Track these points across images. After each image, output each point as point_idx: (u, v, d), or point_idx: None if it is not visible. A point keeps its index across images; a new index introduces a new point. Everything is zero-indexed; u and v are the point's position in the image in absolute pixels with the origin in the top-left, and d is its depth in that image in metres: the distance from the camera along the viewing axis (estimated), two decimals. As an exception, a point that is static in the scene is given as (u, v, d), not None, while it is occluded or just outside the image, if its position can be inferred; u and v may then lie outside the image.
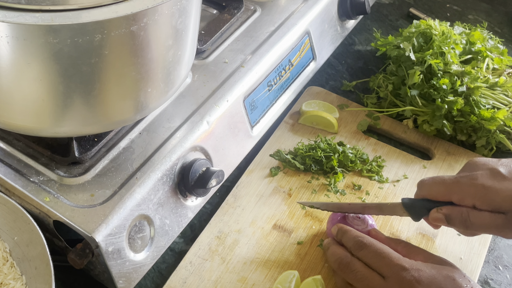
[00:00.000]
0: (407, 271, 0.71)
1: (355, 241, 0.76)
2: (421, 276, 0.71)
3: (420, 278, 0.70)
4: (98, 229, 0.69)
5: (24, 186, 0.73)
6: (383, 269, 0.72)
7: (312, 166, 0.93)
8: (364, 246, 0.75)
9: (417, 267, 0.72)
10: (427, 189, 0.78)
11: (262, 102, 0.93)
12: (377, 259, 0.73)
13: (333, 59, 1.16)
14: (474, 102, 0.97)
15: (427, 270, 0.72)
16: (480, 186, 0.72)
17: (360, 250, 0.75)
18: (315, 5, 1.05)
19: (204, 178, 0.79)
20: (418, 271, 0.71)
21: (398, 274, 0.71)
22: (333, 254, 0.77)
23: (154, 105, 0.74)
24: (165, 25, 0.66)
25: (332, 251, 0.78)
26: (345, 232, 0.78)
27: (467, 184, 0.74)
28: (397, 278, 0.71)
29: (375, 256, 0.74)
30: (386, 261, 0.73)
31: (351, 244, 0.76)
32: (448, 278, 0.71)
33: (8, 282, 0.70)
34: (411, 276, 0.71)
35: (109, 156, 0.77)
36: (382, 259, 0.73)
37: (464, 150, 0.99)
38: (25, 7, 0.58)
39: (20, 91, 0.64)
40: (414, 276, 0.71)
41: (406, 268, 0.71)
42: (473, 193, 0.73)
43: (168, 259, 0.82)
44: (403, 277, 0.71)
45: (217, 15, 0.97)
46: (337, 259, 0.76)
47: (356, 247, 0.76)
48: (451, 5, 1.35)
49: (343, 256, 0.76)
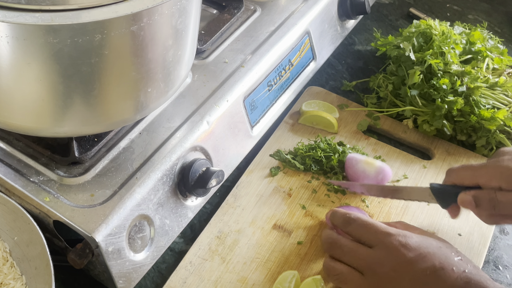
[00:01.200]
0: (393, 237, 0.73)
1: (343, 218, 0.78)
2: (407, 241, 0.72)
3: (407, 243, 0.72)
4: (98, 229, 0.69)
5: (24, 186, 0.73)
6: (370, 238, 0.74)
7: (312, 166, 0.93)
8: (351, 221, 0.77)
9: (403, 233, 0.73)
10: (455, 174, 0.79)
11: (262, 102, 0.93)
12: (364, 230, 0.75)
13: (333, 59, 1.16)
14: (474, 102, 0.97)
15: (414, 236, 0.73)
16: (505, 168, 0.74)
17: (348, 226, 0.77)
18: (315, 5, 1.05)
19: (204, 178, 0.79)
20: (404, 237, 0.73)
21: (384, 240, 0.73)
22: (324, 236, 0.79)
23: (154, 105, 0.74)
24: (165, 25, 0.66)
25: (324, 234, 0.80)
26: (335, 213, 0.80)
27: (493, 167, 0.75)
28: (383, 244, 0.72)
29: (361, 228, 0.75)
30: (372, 230, 0.74)
31: (340, 222, 0.78)
32: (435, 244, 0.73)
33: (8, 282, 0.70)
34: (397, 241, 0.72)
35: (109, 156, 0.77)
36: (369, 229, 0.75)
37: (464, 150, 0.99)
38: (25, 7, 0.58)
39: (20, 91, 0.64)
40: (401, 241, 0.72)
41: (392, 234, 0.73)
42: (499, 175, 0.74)
43: (168, 259, 0.82)
44: (389, 242, 0.72)
45: (217, 15, 0.97)
46: (327, 239, 0.78)
47: (345, 224, 0.77)
48: (451, 5, 1.35)
49: (332, 235, 0.78)
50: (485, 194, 0.75)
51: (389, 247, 0.72)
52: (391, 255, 0.72)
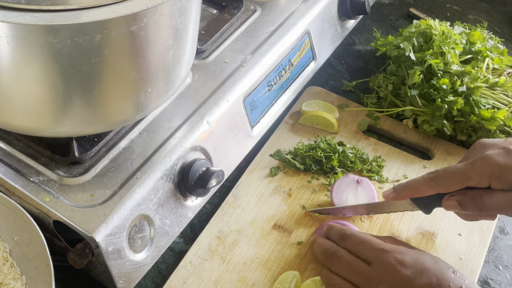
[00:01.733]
0: (389, 253, 0.73)
1: (340, 234, 0.78)
2: (404, 258, 0.72)
3: (403, 260, 0.72)
4: (98, 229, 0.69)
5: (24, 186, 0.73)
6: (366, 254, 0.74)
7: (312, 166, 0.93)
8: (348, 237, 0.77)
9: (399, 250, 0.73)
10: (443, 183, 0.76)
11: (262, 102, 0.93)
12: (360, 247, 0.75)
13: (333, 59, 1.16)
14: (474, 102, 0.97)
15: (409, 252, 0.73)
16: (495, 165, 0.72)
17: (345, 242, 0.77)
18: (315, 5, 1.05)
19: (204, 178, 0.79)
20: (400, 253, 0.73)
21: (381, 257, 0.73)
22: (319, 245, 0.79)
23: (154, 105, 0.74)
24: (165, 25, 0.66)
25: (319, 243, 0.79)
26: (330, 228, 0.81)
27: (482, 166, 0.73)
28: (380, 261, 0.72)
29: (358, 244, 0.75)
30: (368, 246, 0.74)
31: (336, 238, 0.78)
32: (430, 260, 0.73)
33: (8, 282, 0.70)
34: (394, 258, 0.72)
35: (109, 156, 0.77)
36: (365, 245, 0.75)
37: (464, 150, 0.99)
38: (25, 7, 0.58)
39: (20, 91, 0.64)
40: (397, 258, 0.72)
41: (388, 251, 0.73)
42: (489, 173, 0.72)
43: (168, 259, 0.82)
44: (385, 260, 0.72)
45: (217, 15, 0.97)
46: (323, 250, 0.78)
47: (341, 239, 0.78)
48: (451, 5, 1.35)
49: (329, 246, 0.78)
50: (470, 198, 0.74)
51: (386, 265, 0.72)
52: (388, 273, 0.71)
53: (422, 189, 0.77)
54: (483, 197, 0.73)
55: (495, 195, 0.72)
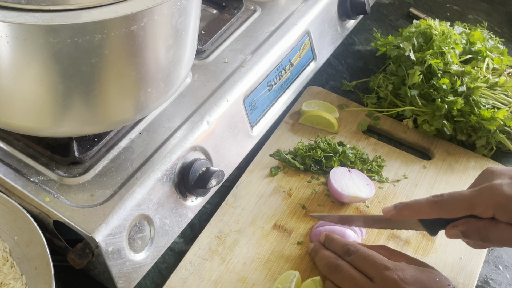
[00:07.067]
0: (390, 271, 0.73)
1: (344, 249, 0.78)
2: (405, 275, 0.72)
3: (405, 277, 0.72)
4: (98, 229, 0.69)
5: (24, 186, 0.73)
6: (369, 270, 0.74)
7: (312, 166, 0.93)
8: (351, 252, 0.77)
9: (400, 267, 0.73)
10: (447, 208, 0.74)
11: (262, 102, 0.93)
12: (363, 262, 0.75)
13: (333, 59, 1.16)
14: (474, 102, 0.97)
15: (411, 270, 0.74)
16: (502, 195, 0.70)
17: (348, 256, 0.77)
18: (315, 5, 1.05)
19: (204, 178, 0.79)
20: (402, 270, 0.73)
21: (382, 273, 0.73)
22: (322, 257, 0.79)
23: (154, 105, 0.74)
24: (165, 25, 0.66)
25: (321, 255, 0.79)
26: (332, 240, 0.80)
27: (489, 195, 0.71)
28: (382, 277, 0.73)
29: (361, 260, 0.76)
30: (371, 262, 0.75)
31: (340, 251, 0.78)
32: (431, 277, 0.73)
33: (8, 282, 0.70)
34: (396, 275, 0.72)
35: (109, 156, 0.77)
36: (368, 261, 0.75)
37: (464, 150, 0.99)
38: (25, 7, 0.58)
39: (20, 91, 0.64)
40: (399, 275, 0.72)
41: (389, 268, 0.73)
42: (495, 204, 0.71)
43: (168, 259, 0.82)
44: (387, 276, 0.72)
45: (217, 15, 0.97)
46: (326, 262, 0.78)
47: (344, 254, 0.78)
48: (451, 5, 1.35)
49: (332, 259, 0.78)
50: (474, 229, 0.73)
51: (387, 282, 0.72)
52: None
53: (425, 211, 0.76)
54: (488, 229, 0.72)
55: (500, 228, 0.71)
